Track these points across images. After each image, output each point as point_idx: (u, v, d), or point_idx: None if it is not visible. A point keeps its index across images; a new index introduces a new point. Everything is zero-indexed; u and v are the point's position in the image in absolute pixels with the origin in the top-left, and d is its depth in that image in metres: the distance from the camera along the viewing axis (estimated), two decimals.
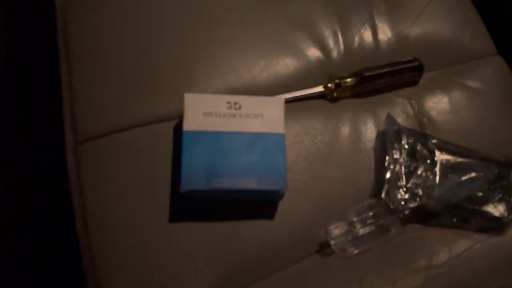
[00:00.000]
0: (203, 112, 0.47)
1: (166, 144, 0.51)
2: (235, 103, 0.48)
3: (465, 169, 0.52)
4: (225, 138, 0.47)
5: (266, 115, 0.48)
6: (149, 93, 0.53)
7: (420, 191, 0.50)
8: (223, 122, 0.47)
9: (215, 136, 0.47)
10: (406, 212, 0.49)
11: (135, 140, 0.52)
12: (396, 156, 0.52)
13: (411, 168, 0.51)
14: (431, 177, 0.51)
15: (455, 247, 0.50)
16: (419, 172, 0.51)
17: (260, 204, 0.50)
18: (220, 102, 0.48)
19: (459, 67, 0.60)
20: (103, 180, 0.51)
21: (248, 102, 0.49)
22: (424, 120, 0.56)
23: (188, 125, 0.47)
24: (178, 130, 0.51)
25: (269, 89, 0.55)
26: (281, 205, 0.50)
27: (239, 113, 0.48)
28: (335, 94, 0.56)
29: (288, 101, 0.55)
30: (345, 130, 0.55)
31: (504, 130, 0.57)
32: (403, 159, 0.51)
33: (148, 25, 0.56)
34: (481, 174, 0.51)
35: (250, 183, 0.46)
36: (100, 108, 0.53)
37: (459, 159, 0.52)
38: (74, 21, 0.57)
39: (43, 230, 0.89)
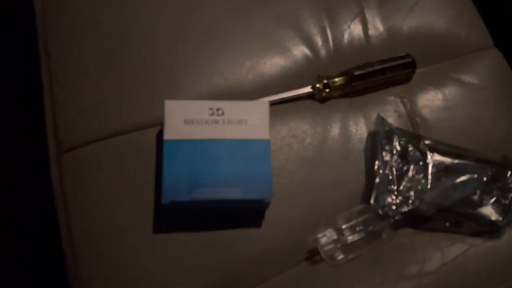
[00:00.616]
0: (184, 119, 0.46)
1: (151, 152, 0.50)
2: (217, 109, 0.47)
3: (459, 171, 0.50)
4: (207, 146, 0.45)
5: (250, 121, 0.47)
6: (132, 99, 0.52)
7: (412, 195, 0.48)
8: (205, 130, 0.46)
9: (197, 144, 0.45)
10: (398, 217, 0.47)
11: (119, 148, 0.51)
12: (387, 158, 0.50)
13: (403, 170, 0.50)
14: (423, 180, 0.49)
15: (448, 252, 0.48)
16: (410, 174, 0.49)
17: (247, 212, 0.49)
18: (202, 108, 0.47)
19: (454, 62, 0.58)
20: (87, 190, 0.50)
21: (231, 107, 0.47)
22: (417, 119, 0.54)
23: (169, 134, 0.45)
24: (160, 137, 0.50)
25: (256, 91, 0.54)
26: (269, 211, 0.49)
27: (221, 119, 0.47)
28: (323, 94, 0.54)
29: (275, 103, 0.54)
30: (335, 131, 0.54)
31: (501, 128, 0.55)
32: (394, 162, 0.50)
33: (130, 30, 0.55)
34: (476, 176, 0.49)
35: (234, 193, 0.45)
36: (83, 116, 0.52)
37: (453, 161, 0.50)
38: (54, 28, 0.56)
39: (42, 230, 0.89)
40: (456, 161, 0.50)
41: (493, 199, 0.48)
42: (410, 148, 0.50)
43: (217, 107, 0.47)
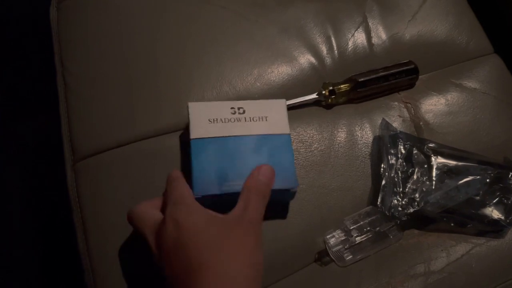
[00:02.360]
0: (208, 119, 0.48)
1: (163, 159, 0.52)
2: (239, 108, 0.49)
3: (462, 172, 0.51)
4: (232, 143, 0.48)
5: (270, 117, 0.49)
6: (143, 109, 0.54)
7: (417, 196, 0.50)
8: (228, 127, 0.48)
9: (222, 141, 0.47)
10: (404, 218, 0.49)
11: (132, 156, 0.53)
12: (392, 161, 0.51)
13: (408, 173, 0.51)
14: (427, 182, 0.51)
15: (453, 252, 0.49)
16: (415, 177, 0.51)
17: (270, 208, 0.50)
18: (224, 108, 0.49)
19: (455, 68, 0.60)
20: (102, 196, 0.51)
21: (251, 106, 0.50)
22: (421, 123, 0.56)
23: (195, 133, 0.47)
24: (182, 142, 0.52)
25: (264, 98, 0.55)
26: (278, 215, 0.51)
27: (243, 117, 0.49)
28: (329, 100, 0.56)
29: None
30: (341, 136, 0.55)
31: (502, 131, 0.56)
32: (400, 165, 0.51)
33: (141, 41, 0.57)
34: (478, 177, 0.51)
35: None
36: (97, 125, 0.54)
37: (456, 163, 0.52)
38: (69, 40, 0.58)
39: (48, 240, 0.91)
40: (459, 163, 0.52)
41: (496, 199, 0.50)
42: (415, 151, 0.52)
43: (238, 106, 0.49)
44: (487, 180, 0.51)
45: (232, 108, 0.49)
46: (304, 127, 0.55)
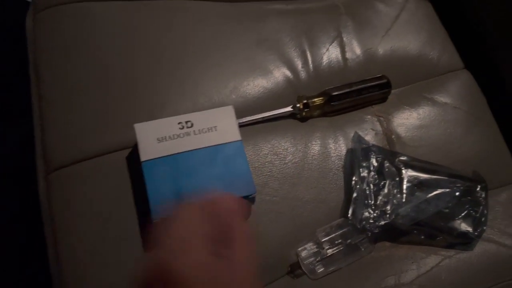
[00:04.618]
0: (156, 138, 0.48)
1: (135, 170, 0.52)
2: (186, 122, 0.49)
3: (432, 185, 0.52)
4: (184, 159, 0.47)
5: (220, 126, 0.49)
6: (117, 120, 0.54)
7: (388, 209, 0.51)
8: (178, 144, 0.48)
9: (174, 159, 0.47)
10: (375, 230, 0.49)
11: (106, 167, 0.52)
12: (364, 174, 0.52)
13: (380, 185, 0.52)
14: (398, 195, 0.51)
15: (423, 264, 0.50)
16: (386, 190, 0.52)
17: None
18: (171, 124, 0.49)
19: (427, 83, 0.61)
20: (73, 208, 0.51)
21: (199, 117, 0.50)
22: (393, 137, 0.57)
23: (145, 155, 0.47)
24: (132, 159, 0.51)
25: (239, 110, 0.55)
26: (251, 227, 0.51)
27: (192, 130, 0.49)
28: (304, 113, 0.57)
29: (258, 122, 0.56)
30: (315, 149, 0.56)
31: (472, 145, 0.57)
32: (371, 177, 0.52)
33: (117, 53, 0.57)
34: (448, 190, 0.52)
35: None
36: (71, 135, 0.54)
37: (426, 176, 0.52)
38: (44, 50, 0.58)
39: (21, 252, 0.89)
40: (429, 176, 0.53)
41: (465, 212, 0.51)
42: (386, 164, 0.53)
43: (185, 120, 0.49)
44: (457, 194, 0.52)
45: (179, 123, 0.49)
46: (279, 139, 0.56)
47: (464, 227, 0.50)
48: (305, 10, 0.64)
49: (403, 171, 0.52)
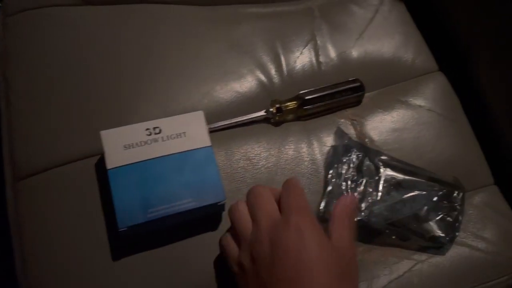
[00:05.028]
0: (123, 145, 0.47)
1: (105, 178, 0.51)
2: (154, 128, 0.48)
3: (409, 187, 0.52)
4: (152, 166, 0.47)
5: (189, 132, 0.49)
6: (87, 127, 0.53)
7: (362, 206, 0.50)
8: (146, 150, 0.47)
9: (141, 166, 0.46)
10: None
11: (76, 175, 0.51)
12: (342, 170, 0.52)
13: (357, 182, 0.52)
14: (374, 192, 0.51)
15: (396, 269, 0.50)
16: (362, 187, 0.51)
17: (205, 220, 0.50)
18: (139, 130, 0.48)
19: (401, 85, 0.61)
20: (42, 218, 0.50)
21: (167, 123, 0.49)
22: (366, 140, 0.57)
23: (111, 163, 0.46)
24: (101, 166, 0.50)
25: (212, 115, 0.55)
26: (223, 231, 0.50)
27: (160, 137, 0.48)
28: (277, 118, 0.56)
29: (231, 127, 0.56)
30: (288, 154, 0.55)
31: (446, 147, 0.57)
32: (350, 174, 0.52)
33: (87, 60, 0.56)
34: (424, 193, 0.52)
35: (187, 203, 0.46)
36: (40, 143, 0.53)
37: (404, 177, 0.52)
38: (13, 56, 0.56)
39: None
40: (407, 177, 0.52)
41: (439, 217, 0.50)
42: (366, 162, 0.53)
43: (153, 126, 0.48)
44: (434, 198, 0.51)
45: (147, 129, 0.48)
46: (252, 144, 0.55)
47: (437, 231, 0.50)
48: (280, 14, 0.63)
49: (382, 170, 0.52)
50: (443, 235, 0.50)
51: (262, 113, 0.56)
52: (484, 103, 0.59)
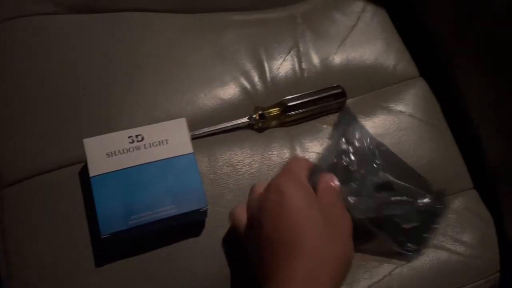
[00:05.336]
0: (106, 153, 0.48)
1: (88, 185, 0.51)
2: (137, 136, 0.49)
3: (399, 190, 0.52)
4: (134, 173, 0.47)
5: (171, 139, 0.49)
6: (71, 134, 0.53)
7: (351, 200, 0.50)
8: (128, 158, 0.48)
9: (124, 173, 0.47)
10: None
11: (60, 182, 0.52)
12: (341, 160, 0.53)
13: (353, 169, 0.52)
14: (363, 187, 0.51)
15: (376, 273, 0.50)
16: (357, 175, 0.52)
17: (187, 227, 0.51)
18: (121, 138, 0.49)
19: (383, 91, 0.62)
20: (27, 225, 0.51)
21: (149, 131, 0.49)
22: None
23: (94, 170, 0.47)
24: (84, 174, 0.51)
25: (196, 122, 0.56)
26: (206, 237, 0.51)
27: (143, 144, 0.49)
28: (260, 124, 0.57)
29: (215, 133, 0.56)
30: (271, 159, 0.56)
31: (426, 152, 0.58)
32: (345, 161, 0.53)
33: (70, 66, 0.57)
34: (411, 200, 0.52)
35: (170, 210, 0.47)
36: (23, 151, 0.53)
37: (397, 181, 0.53)
38: None
39: None
40: (400, 183, 0.53)
41: (416, 225, 0.51)
42: (364, 153, 0.54)
43: (136, 133, 0.49)
44: (418, 207, 0.51)
45: (130, 137, 0.49)
46: (236, 150, 0.56)
47: (408, 238, 0.50)
48: (264, 21, 0.64)
49: (380, 169, 0.53)
50: (413, 244, 0.50)
51: (245, 119, 0.57)
52: (464, 109, 0.60)
